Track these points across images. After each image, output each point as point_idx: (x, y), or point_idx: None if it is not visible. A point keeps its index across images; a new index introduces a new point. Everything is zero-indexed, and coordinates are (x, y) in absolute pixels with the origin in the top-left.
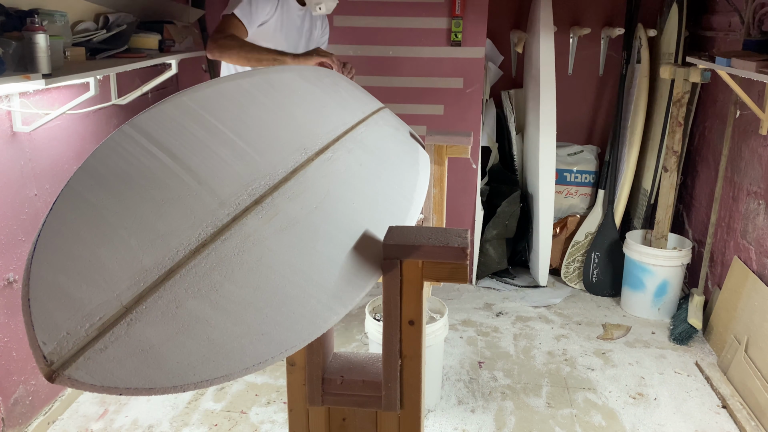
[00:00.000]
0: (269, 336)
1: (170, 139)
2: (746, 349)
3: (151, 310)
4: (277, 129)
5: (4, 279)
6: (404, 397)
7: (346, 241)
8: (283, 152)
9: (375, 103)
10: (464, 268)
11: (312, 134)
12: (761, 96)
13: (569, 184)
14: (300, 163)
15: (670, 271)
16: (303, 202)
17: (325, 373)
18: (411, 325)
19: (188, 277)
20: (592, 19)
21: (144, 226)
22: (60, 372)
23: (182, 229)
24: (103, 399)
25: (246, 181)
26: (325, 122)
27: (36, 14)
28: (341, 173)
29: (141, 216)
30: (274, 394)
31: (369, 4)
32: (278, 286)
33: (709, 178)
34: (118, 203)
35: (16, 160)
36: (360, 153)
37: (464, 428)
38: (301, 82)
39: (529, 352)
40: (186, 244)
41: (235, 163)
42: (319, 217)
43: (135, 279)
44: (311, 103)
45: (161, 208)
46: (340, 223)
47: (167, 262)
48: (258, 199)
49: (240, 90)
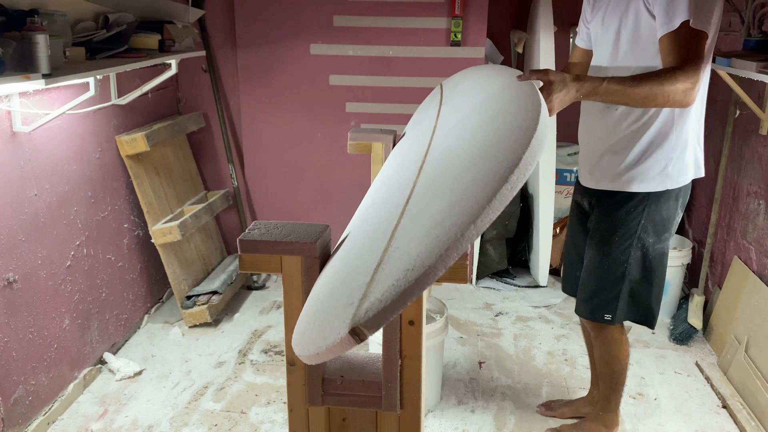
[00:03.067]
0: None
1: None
2: (746, 349)
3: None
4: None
5: (4, 279)
6: (404, 397)
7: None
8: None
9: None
10: (464, 268)
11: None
12: (761, 96)
13: (569, 184)
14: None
15: (670, 271)
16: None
17: (325, 373)
18: (411, 325)
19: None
20: None
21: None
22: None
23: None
24: (103, 399)
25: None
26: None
27: (36, 14)
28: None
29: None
30: (274, 394)
31: (369, 4)
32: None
33: (709, 178)
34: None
35: (16, 160)
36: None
37: (464, 428)
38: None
39: (529, 352)
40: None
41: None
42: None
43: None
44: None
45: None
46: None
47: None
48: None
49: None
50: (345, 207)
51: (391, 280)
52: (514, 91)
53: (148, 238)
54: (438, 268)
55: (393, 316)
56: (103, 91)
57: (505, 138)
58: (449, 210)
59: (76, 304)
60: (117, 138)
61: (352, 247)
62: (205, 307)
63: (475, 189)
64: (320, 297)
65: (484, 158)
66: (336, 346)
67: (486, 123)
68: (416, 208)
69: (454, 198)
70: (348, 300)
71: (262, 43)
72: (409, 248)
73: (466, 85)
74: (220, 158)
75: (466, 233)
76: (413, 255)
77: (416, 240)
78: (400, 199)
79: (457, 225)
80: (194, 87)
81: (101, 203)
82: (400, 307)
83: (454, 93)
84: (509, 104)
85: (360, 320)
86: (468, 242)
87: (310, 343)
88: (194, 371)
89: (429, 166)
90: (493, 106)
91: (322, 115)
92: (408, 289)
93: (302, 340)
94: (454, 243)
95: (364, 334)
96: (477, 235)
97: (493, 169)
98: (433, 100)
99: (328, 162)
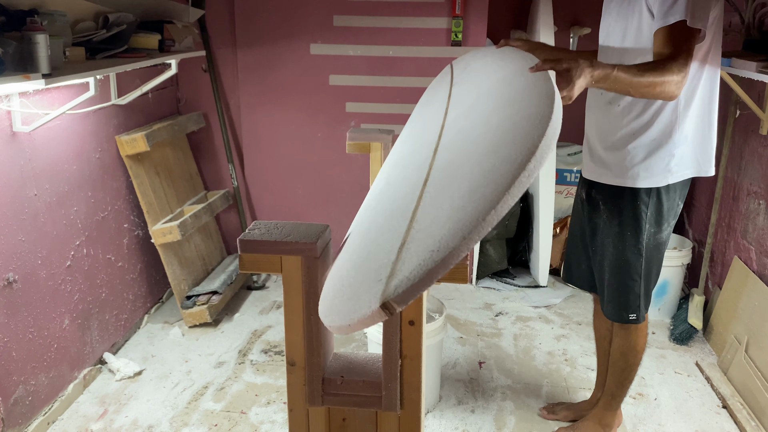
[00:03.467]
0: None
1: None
2: (746, 349)
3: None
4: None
5: (4, 279)
6: (404, 397)
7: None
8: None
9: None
10: (464, 268)
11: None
12: (761, 96)
13: (569, 184)
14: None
15: (671, 271)
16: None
17: (325, 373)
18: (411, 325)
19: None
20: (592, 18)
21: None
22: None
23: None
24: (103, 399)
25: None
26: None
27: (36, 14)
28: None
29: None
30: (274, 394)
31: (369, 4)
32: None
33: (709, 178)
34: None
35: (16, 160)
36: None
37: (464, 428)
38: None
39: (529, 352)
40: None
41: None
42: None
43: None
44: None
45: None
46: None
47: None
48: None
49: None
50: (345, 207)
51: (417, 260)
52: (529, 77)
53: (148, 238)
54: (462, 249)
55: (420, 293)
56: (103, 91)
57: (520, 125)
58: (470, 196)
59: (76, 304)
60: (117, 138)
61: (372, 225)
62: (205, 307)
63: (494, 175)
64: (344, 272)
65: (501, 145)
66: (368, 319)
67: (500, 109)
68: (435, 191)
69: (474, 183)
70: (375, 276)
71: (262, 43)
72: (432, 230)
73: (478, 65)
74: (220, 158)
75: (487, 218)
76: (437, 237)
77: (439, 222)
78: (417, 180)
79: (478, 210)
80: (194, 87)
81: (101, 203)
82: (426, 285)
83: (465, 74)
84: (523, 91)
85: (390, 296)
86: (489, 226)
87: (339, 315)
88: (194, 371)
89: (444, 148)
90: (507, 90)
91: (322, 115)
92: (434, 268)
93: (331, 312)
94: (476, 227)
95: (394, 309)
96: (497, 220)
97: (510, 156)
98: (443, 80)
99: (328, 162)
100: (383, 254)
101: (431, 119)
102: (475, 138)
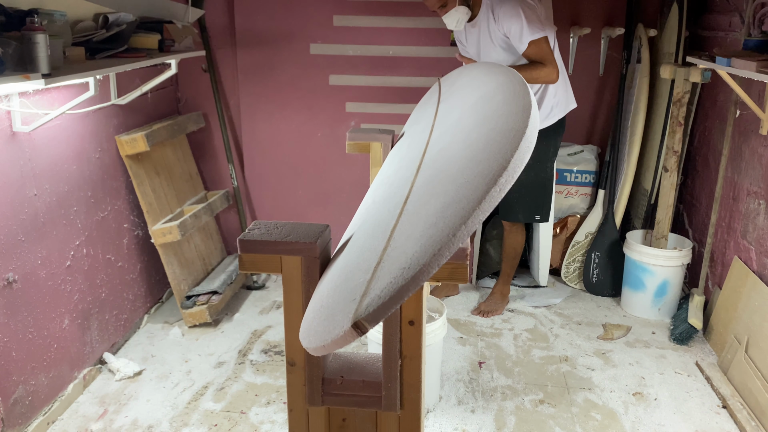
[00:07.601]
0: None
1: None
2: (746, 349)
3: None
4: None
5: (4, 279)
6: (404, 397)
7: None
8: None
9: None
10: (464, 267)
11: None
12: (761, 96)
13: (569, 184)
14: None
15: (671, 271)
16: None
17: (325, 373)
18: (411, 325)
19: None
20: (592, 18)
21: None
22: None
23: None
24: (103, 399)
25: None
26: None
27: (36, 14)
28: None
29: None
30: (274, 394)
31: (369, 4)
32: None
33: (709, 178)
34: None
35: (16, 160)
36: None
37: (464, 428)
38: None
39: (529, 352)
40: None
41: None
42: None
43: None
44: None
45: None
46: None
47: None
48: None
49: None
50: (345, 207)
51: (389, 278)
52: (507, 92)
53: (147, 238)
54: (431, 266)
55: (391, 311)
56: (103, 91)
57: (495, 141)
58: (442, 212)
59: (75, 304)
60: (117, 138)
61: (354, 246)
62: (205, 307)
63: (467, 191)
64: (325, 293)
65: (476, 161)
66: (340, 339)
67: (480, 124)
68: (413, 208)
69: (448, 200)
70: (350, 296)
71: (262, 43)
72: (406, 247)
73: (463, 82)
74: (219, 158)
75: (457, 233)
76: (409, 254)
77: (412, 240)
78: (399, 198)
79: (449, 226)
80: (194, 87)
81: (101, 203)
82: (397, 302)
83: (451, 91)
84: (502, 106)
85: (361, 315)
86: (459, 242)
87: (315, 336)
88: (194, 371)
89: (426, 166)
90: (488, 106)
91: (322, 115)
92: (404, 285)
93: (309, 334)
94: (447, 243)
95: (366, 328)
96: (468, 235)
97: (483, 172)
98: (431, 97)
99: (328, 162)
100: (360, 274)
101: (418, 137)
102: (453, 154)
